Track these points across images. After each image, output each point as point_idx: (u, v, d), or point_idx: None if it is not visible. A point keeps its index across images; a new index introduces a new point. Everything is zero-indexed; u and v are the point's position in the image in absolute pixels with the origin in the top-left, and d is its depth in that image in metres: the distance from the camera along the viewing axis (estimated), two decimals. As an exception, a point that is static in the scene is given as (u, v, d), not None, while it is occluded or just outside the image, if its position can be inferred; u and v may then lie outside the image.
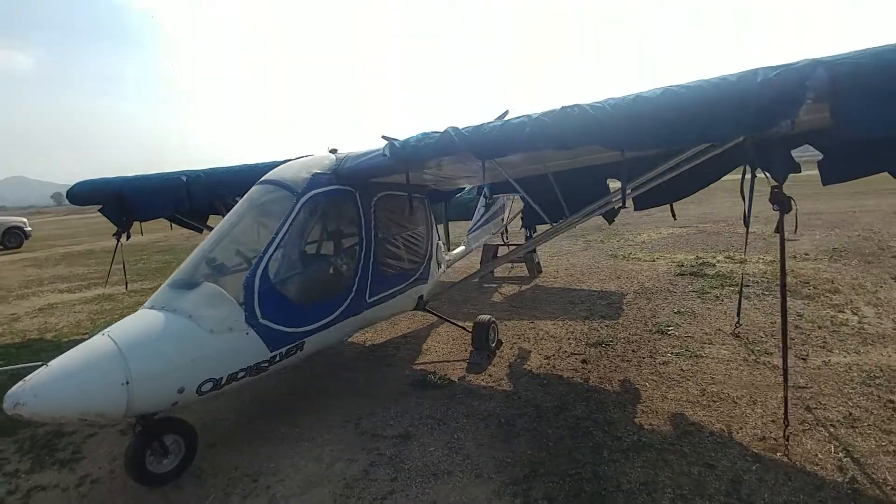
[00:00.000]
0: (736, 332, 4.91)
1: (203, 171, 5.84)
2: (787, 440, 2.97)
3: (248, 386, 3.44)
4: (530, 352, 4.82)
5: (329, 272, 4.13)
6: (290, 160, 4.35)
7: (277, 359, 3.36)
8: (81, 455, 3.43)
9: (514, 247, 8.19)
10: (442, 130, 3.58)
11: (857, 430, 3.06)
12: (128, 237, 6.26)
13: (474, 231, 7.58)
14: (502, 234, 8.51)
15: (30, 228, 19.79)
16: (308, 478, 2.99)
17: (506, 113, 4.34)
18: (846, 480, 2.61)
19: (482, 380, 4.26)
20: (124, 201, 6.09)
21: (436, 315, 5.18)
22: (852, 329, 4.76)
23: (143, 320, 2.98)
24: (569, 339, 5.11)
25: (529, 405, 3.71)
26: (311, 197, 3.82)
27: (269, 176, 3.98)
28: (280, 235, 3.49)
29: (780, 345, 3.20)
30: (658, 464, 2.88)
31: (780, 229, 2.96)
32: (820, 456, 2.84)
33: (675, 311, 5.74)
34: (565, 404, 3.68)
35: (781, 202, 2.91)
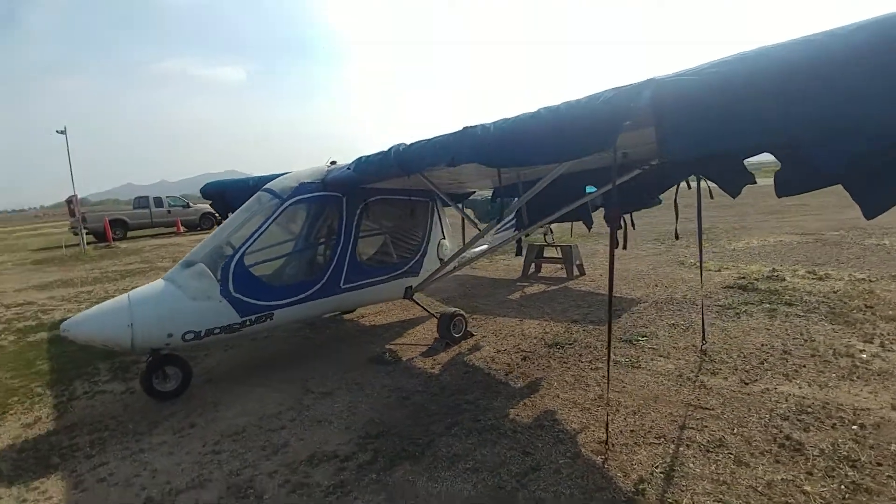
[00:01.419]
0: (703, 349, 4.72)
1: (270, 175, 7.37)
2: (607, 446, 3.14)
3: (246, 347, 4.66)
4: (485, 346, 5.27)
5: (301, 261, 5.17)
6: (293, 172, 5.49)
7: (248, 323, 4.50)
8: (133, 376, 5.02)
9: (560, 247, 8.40)
10: (391, 147, 4.35)
11: (707, 456, 3.04)
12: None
13: (501, 230, 7.97)
14: (545, 234, 8.72)
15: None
16: (244, 408, 4.08)
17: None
18: (632, 491, 2.76)
19: (424, 362, 4.91)
20: (224, 198, 7.98)
21: (418, 305, 5.90)
22: (849, 362, 4.24)
23: (152, 286, 4.35)
24: (534, 338, 5.41)
25: (437, 386, 4.29)
26: (294, 202, 4.90)
27: (267, 185, 5.15)
28: (259, 231, 4.63)
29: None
30: (485, 443, 3.30)
31: (611, 244, 3.10)
32: (635, 468, 2.97)
33: (671, 323, 5.58)
34: (465, 389, 4.18)
35: (612, 220, 3.07)
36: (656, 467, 2.95)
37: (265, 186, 5.16)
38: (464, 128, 3.76)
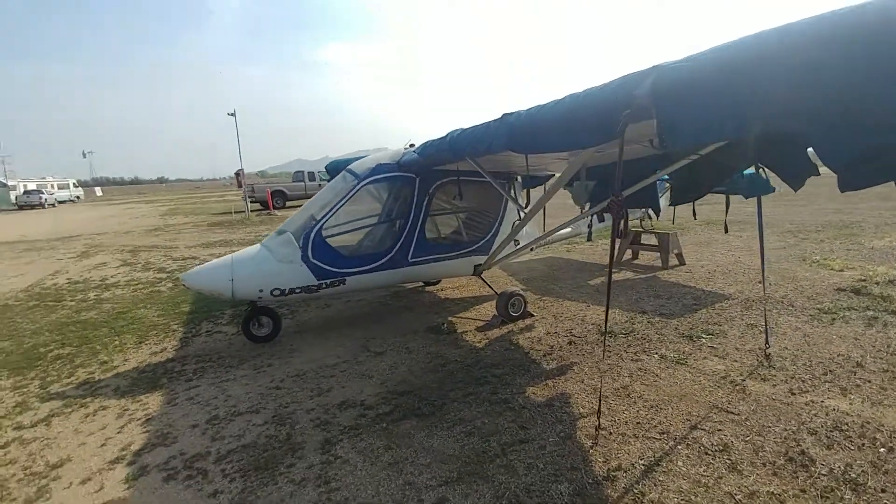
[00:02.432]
0: (766, 353, 4.31)
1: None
2: (598, 432, 3.20)
3: (336, 307, 5.48)
4: (538, 327, 5.39)
5: (372, 235, 5.75)
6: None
7: (324, 286, 5.26)
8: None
9: (657, 234, 7.96)
10: (448, 133, 4.71)
11: (702, 458, 2.95)
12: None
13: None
14: (641, 219, 8.26)
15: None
16: (312, 356, 4.88)
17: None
18: (602, 476, 2.84)
19: (474, 336, 5.23)
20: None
21: (485, 282, 6.19)
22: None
23: (251, 250, 5.31)
24: (591, 324, 5.38)
25: (473, 358, 4.61)
26: (370, 181, 5.51)
27: (349, 166, 5.82)
28: (337, 206, 5.33)
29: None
30: (490, 413, 3.57)
31: (613, 235, 3.09)
32: (620, 457, 3.01)
33: (750, 323, 5.10)
34: (498, 364, 4.43)
35: (614, 210, 3.04)
36: (642, 460, 2.96)
37: (349, 167, 5.84)
38: (503, 115, 3.94)
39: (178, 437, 3.56)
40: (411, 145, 5.98)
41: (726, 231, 5.78)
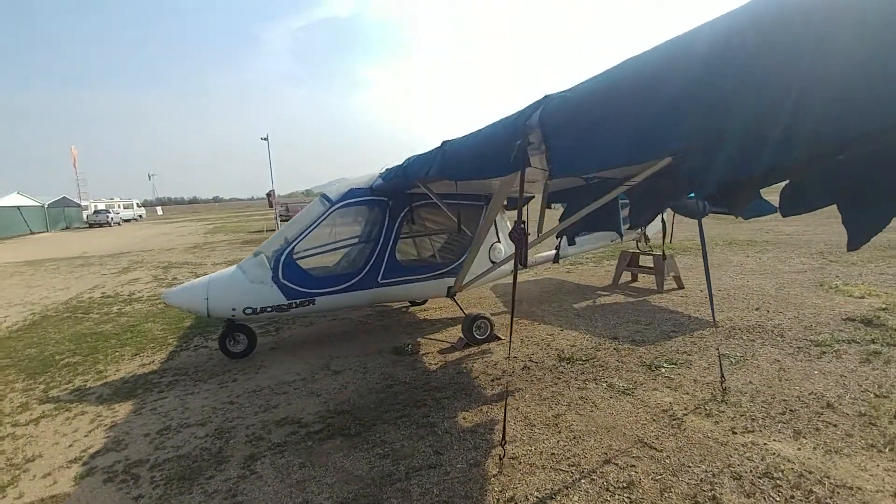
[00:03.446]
0: (723, 387, 4.09)
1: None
2: (501, 462, 3.17)
3: (319, 325, 5.71)
4: (499, 351, 5.35)
5: (341, 257, 5.93)
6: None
7: (294, 306, 5.48)
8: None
9: (652, 255, 7.72)
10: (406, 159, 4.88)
11: (601, 494, 2.87)
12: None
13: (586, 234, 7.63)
14: (637, 240, 8.02)
15: None
16: (273, 374, 5.07)
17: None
18: (499, 485, 2.82)
19: (433, 358, 5.26)
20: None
21: (456, 304, 6.21)
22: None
23: (227, 270, 5.61)
24: (555, 350, 5.29)
25: (422, 380, 4.65)
26: (341, 206, 5.72)
27: (325, 192, 6.06)
28: (308, 229, 5.57)
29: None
30: (413, 437, 3.60)
31: (515, 263, 3.09)
32: (517, 487, 2.96)
33: (725, 353, 4.85)
34: (443, 387, 4.45)
35: (518, 239, 3.05)
36: (538, 492, 2.91)
37: (324, 193, 6.09)
38: (442, 142, 4.04)
39: (128, 444, 3.83)
40: (387, 169, 6.17)
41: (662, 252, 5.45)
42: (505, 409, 3.29)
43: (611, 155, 2.21)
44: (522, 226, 3.04)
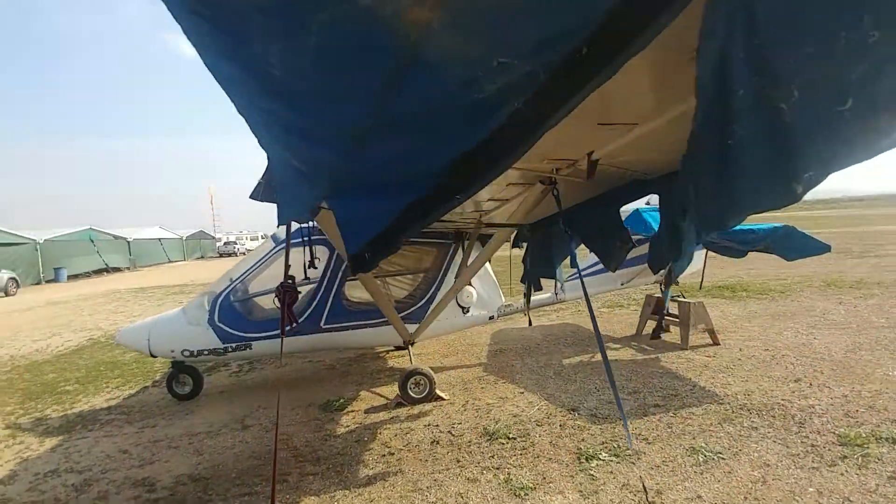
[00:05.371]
0: (648, 500, 2.95)
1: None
2: None
3: (292, 366, 5.58)
4: (423, 416, 4.56)
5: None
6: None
7: (230, 350, 5.26)
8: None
9: (678, 302, 6.35)
10: None
11: None
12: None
13: (585, 276, 6.48)
14: (661, 283, 6.62)
15: None
16: (190, 423, 4.86)
17: None
18: None
19: (352, 418, 4.66)
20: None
21: (408, 355, 5.52)
22: None
23: (171, 311, 5.59)
24: (491, 420, 4.37)
25: (312, 446, 4.09)
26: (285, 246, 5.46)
27: (275, 231, 5.85)
28: (249, 270, 5.39)
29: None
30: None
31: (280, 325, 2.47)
32: None
33: (701, 444, 3.61)
34: (325, 458, 3.86)
35: (282, 293, 2.45)
36: None
37: (274, 232, 5.89)
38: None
39: (14, 482, 3.85)
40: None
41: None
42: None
43: None
44: (290, 281, 2.46)
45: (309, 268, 4.65)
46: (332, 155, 1.32)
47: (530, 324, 6.39)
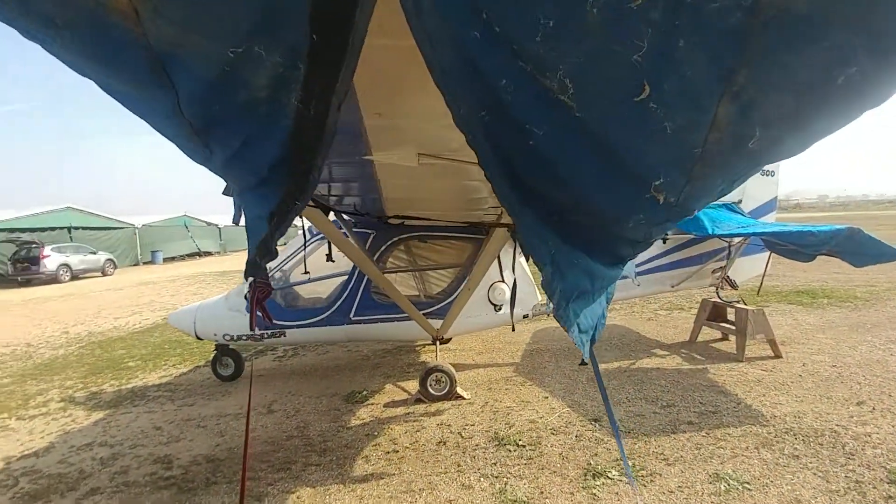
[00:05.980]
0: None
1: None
2: None
3: (315, 356, 5.89)
4: (443, 416, 4.46)
5: (313, 290, 5.68)
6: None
7: (266, 336, 5.49)
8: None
9: (735, 308, 5.77)
10: None
11: None
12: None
13: (639, 275, 6.04)
14: (718, 287, 6.00)
15: None
16: (222, 404, 5.12)
17: None
18: None
19: (371, 410, 4.67)
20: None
21: (435, 350, 5.43)
22: None
23: (215, 297, 5.91)
24: (507, 424, 4.20)
25: (330, 433, 4.16)
26: (322, 236, 5.58)
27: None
28: (286, 260, 5.57)
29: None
30: (235, 494, 3.19)
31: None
32: None
33: (728, 471, 3.23)
34: (330, 450, 3.89)
35: (254, 289, 2.45)
36: None
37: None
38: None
39: (49, 453, 4.23)
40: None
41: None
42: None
43: None
44: (264, 279, 2.45)
45: (327, 261, 4.73)
46: (195, 156, 1.26)
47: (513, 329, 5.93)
